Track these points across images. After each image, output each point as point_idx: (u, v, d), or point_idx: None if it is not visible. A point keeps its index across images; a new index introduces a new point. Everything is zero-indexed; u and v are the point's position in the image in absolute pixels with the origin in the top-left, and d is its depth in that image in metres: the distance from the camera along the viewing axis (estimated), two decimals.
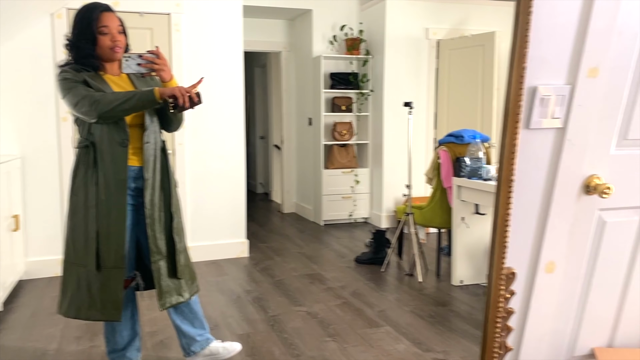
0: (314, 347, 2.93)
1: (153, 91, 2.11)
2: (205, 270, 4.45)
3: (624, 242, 1.85)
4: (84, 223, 2.21)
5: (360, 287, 3.96)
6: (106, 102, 2.09)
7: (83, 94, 2.11)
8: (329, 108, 6.32)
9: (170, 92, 2.12)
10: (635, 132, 1.70)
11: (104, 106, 2.08)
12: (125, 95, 2.11)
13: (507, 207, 1.54)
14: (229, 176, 4.81)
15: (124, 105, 2.10)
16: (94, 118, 2.11)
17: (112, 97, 2.10)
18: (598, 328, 1.95)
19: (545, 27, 1.45)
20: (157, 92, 2.11)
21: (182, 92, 2.13)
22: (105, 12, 2.21)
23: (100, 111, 2.09)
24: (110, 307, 2.22)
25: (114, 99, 2.09)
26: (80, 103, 2.10)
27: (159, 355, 2.85)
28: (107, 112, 2.09)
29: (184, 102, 2.13)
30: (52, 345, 2.97)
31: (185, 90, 2.14)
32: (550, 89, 1.52)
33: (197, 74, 4.55)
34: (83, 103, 2.10)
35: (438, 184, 4.23)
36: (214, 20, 4.61)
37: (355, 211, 6.38)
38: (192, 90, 2.16)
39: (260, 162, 9.01)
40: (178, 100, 2.13)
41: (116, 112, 2.10)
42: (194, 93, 2.16)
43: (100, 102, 2.08)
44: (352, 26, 6.36)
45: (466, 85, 5.71)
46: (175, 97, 2.13)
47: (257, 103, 8.92)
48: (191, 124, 4.61)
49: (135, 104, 2.11)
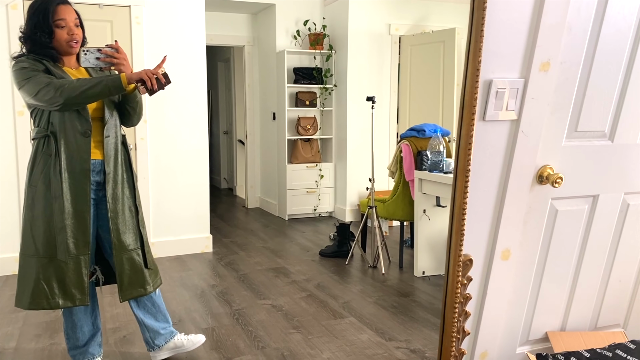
0: (279, 339, 2.95)
1: (120, 77, 2.10)
2: (169, 265, 4.42)
3: (575, 230, 1.94)
4: (46, 214, 2.18)
5: (324, 280, 4.00)
6: (72, 87, 2.05)
7: (46, 81, 2.07)
8: (293, 103, 6.33)
9: (137, 76, 2.12)
10: (585, 124, 1.78)
11: (70, 91, 2.05)
12: (92, 81, 2.08)
13: (464, 196, 1.60)
14: (192, 171, 4.77)
15: (90, 90, 2.07)
16: (59, 105, 2.07)
17: (78, 83, 2.07)
18: (551, 313, 2.03)
19: (499, 22, 1.51)
20: (125, 77, 2.10)
21: (149, 74, 2.12)
22: (62, 5, 2.17)
23: (66, 97, 2.05)
24: (77, 292, 2.22)
25: (81, 84, 2.06)
26: (43, 90, 2.06)
27: (121, 350, 2.82)
28: (74, 97, 2.06)
29: (152, 84, 2.12)
30: (11, 344, 2.90)
31: (152, 72, 2.13)
32: (505, 82, 1.58)
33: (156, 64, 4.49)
34: (47, 90, 2.05)
35: (400, 178, 4.30)
36: (176, 13, 4.56)
37: (320, 205, 6.42)
38: (159, 71, 2.15)
39: (224, 157, 8.96)
40: (146, 84, 2.12)
41: (83, 97, 2.07)
42: (161, 74, 2.15)
43: (66, 87, 2.05)
44: (316, 21, 6.38)
45: (427, 80, 5.81)
46: (143, 81, 2.12)
47: (221, 98, 8.86)
48: (153, 118, 4.55)
49: (102, 89, 2.08)
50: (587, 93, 1.74)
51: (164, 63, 2.19)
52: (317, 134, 6.40)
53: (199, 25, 4.66)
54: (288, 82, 6.19)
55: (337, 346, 2.85)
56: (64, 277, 2.19)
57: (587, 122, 1.79)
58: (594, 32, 1.67)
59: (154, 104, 4.53)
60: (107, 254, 2.38)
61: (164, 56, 2.16)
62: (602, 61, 1.72)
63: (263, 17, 6.57)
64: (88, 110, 2.20)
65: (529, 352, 2.03)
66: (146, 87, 2.15)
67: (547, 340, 2.07)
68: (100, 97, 2.12)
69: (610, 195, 1.94)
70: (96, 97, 2.10)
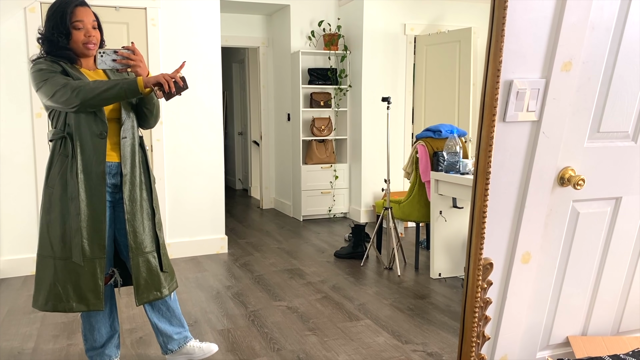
0: (295, 341, 2.94)
1: (136, 80, 2.10)
2: (184, 266, 4.43)
3: (597, 233, 1.90)
4: (62, 216, 2.18)
5: (339, 282, 3.98)
6: (89, 89, 2.06)
7: (62, 82, 2.08)
8: (308, 104, 6.32)
9: (155, 79, 2.11)
10: (607, 125, 1.75)
11: (87, 93, 2.06)
12: (108, 83, 2.09)
13: (484, 198, 1.57)
14: (208, 172, 4.79)
15: (106, 93, 2.07)
16: (76, 106, 2.08)
17: (94, 84, 2.08)
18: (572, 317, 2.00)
19: (520, 21, 1.48)
20: (141, 81, 2.10)
21: (167, 78, 2.11)
22: (80, 7, 2.18)
23: (83, 98, 2.06)
24: (92, 297, 2.21)
25: (97, 87, 2.07)
26: (60, 91, 2.07)
27: (138, 352, 2.83)
28: (90, 99, 2.07)
29: (169, 88, 2.12)
30: (29, 344, 2.93)
31: (170, 75, 2.12)
32: (526, 82, 1.55)
33: (174, 69, 4.51)
34: (64, 91, 2.07)
35: (416, 179, 4.27)
36: (191, 14, 4.57)
37: (335, 206, 6.40)
38: (177, 75, 2.14)
39: (239, 158, 8.98)
40: (163, 87, 2.12)
41: (99, 99, 2.08)
42: (179, 77, 2.14)
43: (83, 89, 2.06)
44: (330, 22, 6.37)
45: (443, 80, 5.76)
46: (160, 84, 2.12)
47: (236, 99, 8.88)
48: (169, 120, 4.57)
49: (118, 92, 2.08)
50: (609, 93, 1.71)
51: (182, 68, 2.18)
52: (331, 134, 6.38)
53: (214, 27, 4.67)
54: (303, 83, 6.18)
55: (353, 349, 2.83)
56: (79, 280, 2.19)
57: (610, 123, 1.75)
58: (617, 31, 1.63)
59: (169, 106, 4.55)
60: (124, 256, 2.38)
61: (182, 62, 2.16)
62: (625, 60, 1.68)
63: (278, 18, 6.57)
64: (104, 112, 2.20)
65: (549, 356, 2.00)
66: (163, 91, 2.15)
67: (568, 345, 2.03)
68: (116, 100, 2.12)
69: (633, 198, 1.90)
70: (112, 99, 2.11)
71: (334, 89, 6.32)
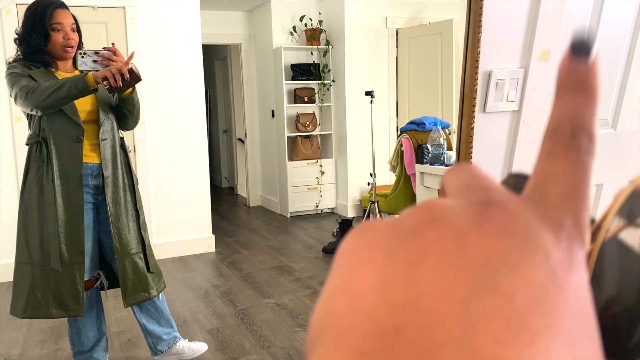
0: (285, 337, 2.94)
1: (86, 76, 2.04)
2: (172, 267, 4.40)
3: None
4: (40, 221, 2.16)
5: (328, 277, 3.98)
6: (40, 91, 2.01)
7: (21, 85, 2.04)
8: (291, 99, 6.30)
9: (102, 74, 2.04)
10: None
11: (39, 94, 2.01)
12: (58, 83, 2.02)
13: None
14: (193, 171, 4.76)
15: (58, 92, 2.01)
16: (31, 109, 2.06)
17: (46, 85, 2.03)
18: None
19: (497, 12, 1.48)
20: (91, 77, 2.04)
21: (113, 71, 2.04)
22: (59, 9, 2.15)
23: (36, 100, 2.01)
24: (71, 303, 2.19)
25: (48, 87, 2.02)
26: (18, 94, 2.04)
27: (127, 354, 2.81)
28: (43, 100, 2.01)
29: (116, 81, 2.05)
30: (15, 350, 2.90)
31: (116, 69, 2.05)
32: (505, 72, 1.56)
33: (155, 68, 4.47)
34: (20, 94, 2.03)
35: (401, 172, 4.28)
36: (170, 12, 4.53)
37: (322, 202, 6.40)
38: (124, 68, 2.07)
39: (224, 156, 8.94)
40: (109, 81, 2.05)
41: (52, 99, 2.02)
42: (126, 70, 2.07)
43: (36, 90, 2.01)
44: (312, 17, 6.35)
45: (426, 73, 5.78)
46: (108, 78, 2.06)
47: (219, 97, 8.84)
48: (151, 120, 4.53)
49: (68, 90, 2.01)
50: None
51: (132, 59, 2.12)
52: (316, 130, 6.38)
53: (194, 24, 4.63)
54: (286, 79, 6.16)
55: None
56: (58, 286, 2.17)
57: None
58: (594, 19, 1.64)
59: (152, 105, 4.51)
60: (110, 259, 2.37)
61: (131, 52, 2.11)
62: (602, 48, 1.69)
63: (259, 14, 6.54)
64: (79, 115, 2.17)
65: None
66: (111, 86, 2.07)
67: None
68: (70, 98, 2.05)
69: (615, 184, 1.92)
70: (65, 98, 2.04)
71: (317, 84, 6.31)
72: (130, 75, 2.09)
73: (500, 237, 0.17)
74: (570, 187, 0.19)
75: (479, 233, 0.17)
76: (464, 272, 0.16)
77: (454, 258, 0.16)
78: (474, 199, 0.18)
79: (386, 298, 0.16)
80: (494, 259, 0.16)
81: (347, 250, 0.19)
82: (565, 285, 0.16)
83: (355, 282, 0.17)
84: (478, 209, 0.18)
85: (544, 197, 0.19)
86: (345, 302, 0.17)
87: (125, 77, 2.07)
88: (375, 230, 0.19)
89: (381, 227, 0.19)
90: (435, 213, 0.18)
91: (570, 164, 0.19)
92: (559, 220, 0.18)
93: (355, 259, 0.18)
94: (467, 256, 0.16)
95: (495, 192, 0.19)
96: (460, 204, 0.18)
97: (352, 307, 0.16)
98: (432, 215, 0.18)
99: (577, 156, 0.19)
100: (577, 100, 0.19)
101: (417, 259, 0.17)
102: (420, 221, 0.18)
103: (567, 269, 0.17)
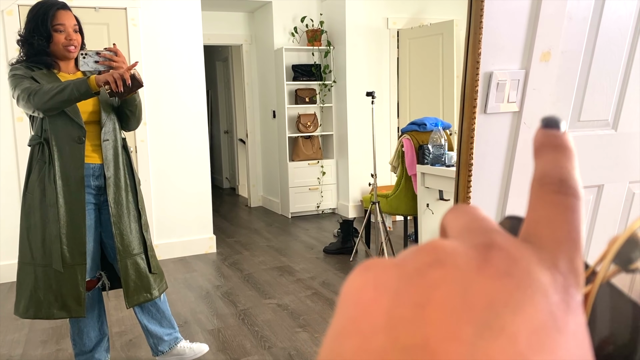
0: (286, 338, 2.94)
1: (87, 79, 2.05)
2: (173, 267, 4.41)
3: None
4: (42, 222, 2.16)
5: (329, 277, 3.99)
6: (42, 93, 2.02)
7: (24, 87, 2.05)
8: (293, 100, 6.31)
9: (104, 78, 2.05)
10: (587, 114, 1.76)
11: (41, 96, 2.02)
12: (60, 85, 2.03)
13: (467, 190, 1.58)
14: (194, 172, 4.76)
15: (59, 95, 2.01)
16: (33, 111, 2.07)
17: (48, 87, 2.04)
18: None
19: (498, 13, 1.48)
20: (93, 80, 2.05)
21: (115, 76, 2.05)
22: (61, 10, 2.16)
23: (36, 104, 2.02)
24: (73, 304, 2.19)
25: (49, 90, 2.02)
26: (20, 97, 2.05)
27: (128, 355, 2.81)
28: (45, 102, 2.02)
29: (117, 87, 2.05)
30: (17, 351, 2.90)
31: (119, 74, 2.06)
32: (506, 73, 1.56)
33: (156, 69, 4.48)
34: (22, 96, 2.04)
35: (402, 172, 4.28)
36: (172, 13, 4.54)
37: (323, 202, 6.41)
38: (127, 74, 2.08)
39: (226, 156, 8.94)
40: (111, 85, 2.06)
41: (53, 103, 2.03)
42: (128, 76, 2.08)
43: (38, 93, 2.02)
44: (313, 17, 6.35)
45: (427, 73, 5.78)
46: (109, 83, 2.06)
47: (220, 97, 8.84)
48: (153, 120, 4.54)
49: (70, 93, 2.02)
50: (589, 82, 1.72)
51: (135, 67, 2.12)
52: (317, 130, 6.38)
53: (195, 25, 4.64)
54: (287, 80, 6.17)
55: None
56: (60, 287, 2.17)
57: (590, 112, 1.76)
58: (595, 20, 1.64)
59: (153, 106, 4.52)
60: (111, 259, 2.37)
61: (134, 62, 2.12)
62: (603, 49, 1.69)
63: (260, 15, 6.54)
64: (81, 116, 2.17)
65: None
66: (112, 90, 2.08)
67: None
68: (72, 101, 2.06)
69: (615, 185, 1.92)
70: (68, 101, 2.05)
71: (318, 84, 6.31)
72: (132, 81, 2.10)
73: (503, 279, 0.17)
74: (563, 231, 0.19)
75: (482, 275, 0.17)
76: (469, 313, 0.16)
77: (458, 299, 0.17)
78: (476, 242, 0.19)
79: (395, 339, 0.16)
80: (497, 301, 0.17)
81: (353, 289, 0.19)
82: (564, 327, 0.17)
83: (364, 322, 0.18)
84: (481, 252, 0.18)
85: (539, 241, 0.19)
86: (354, 342, 0.17)
87: (127, 83, 2.08)
88: (380, 269, 0.19)
89: (386, 267, 0.19)
90: (440, 255, 0.18)
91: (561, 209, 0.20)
92: (554, 264, 0.19)
93: (362, 298, 0.18)
94: (472, 298, 0.17)
95: (496, 235, 0.19)
96: (463, 246, 0.19)
97: (362, 348, 0.17)
98: (437, 257, 0.18)
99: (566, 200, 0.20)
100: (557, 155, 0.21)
101: (423, 300, 0.17)
102: (425, 262, 0.18)
103: (565, 311, 0.17)
